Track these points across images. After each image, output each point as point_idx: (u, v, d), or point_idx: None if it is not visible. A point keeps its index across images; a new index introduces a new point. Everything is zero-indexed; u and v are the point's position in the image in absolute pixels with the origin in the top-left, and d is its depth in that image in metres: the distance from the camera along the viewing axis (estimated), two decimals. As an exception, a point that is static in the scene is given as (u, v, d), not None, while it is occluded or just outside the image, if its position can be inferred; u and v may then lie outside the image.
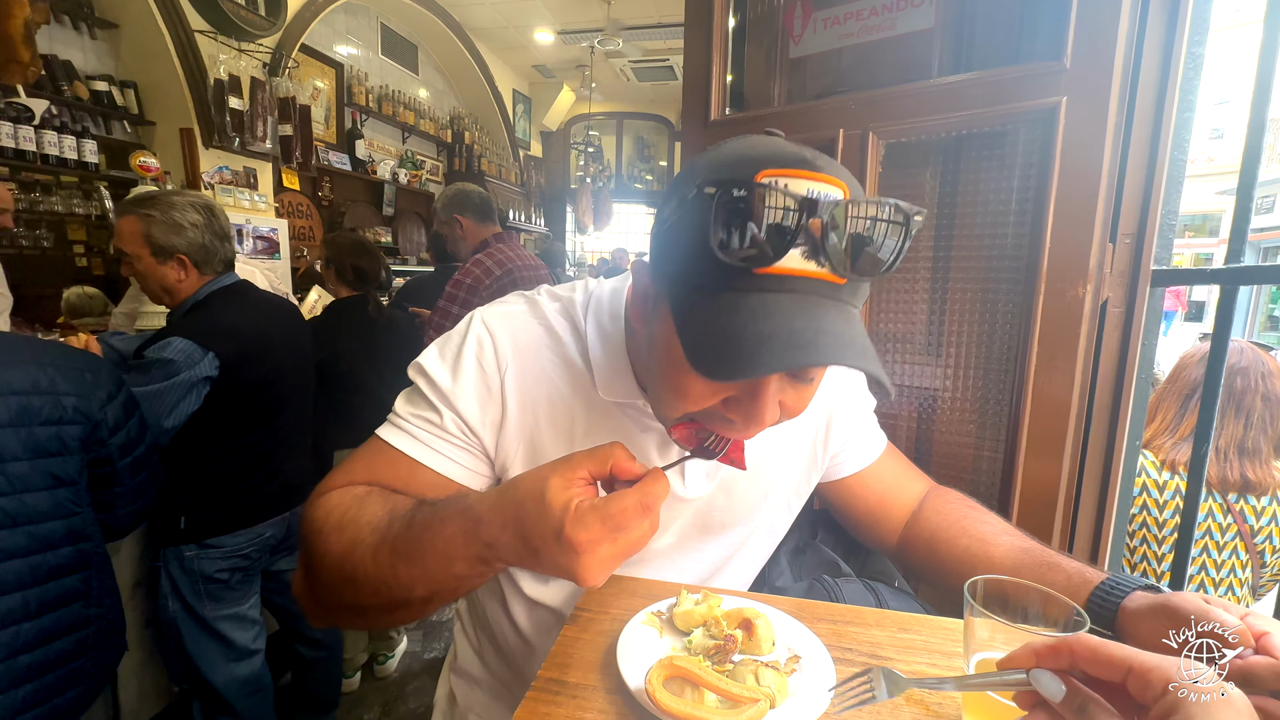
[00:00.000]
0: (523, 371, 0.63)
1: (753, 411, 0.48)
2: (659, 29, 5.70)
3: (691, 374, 0.47)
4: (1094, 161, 0.81)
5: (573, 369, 0.65)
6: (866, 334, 0.48)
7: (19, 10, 1.64)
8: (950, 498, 0.77)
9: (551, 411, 0.64)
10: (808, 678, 0.54)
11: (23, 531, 0.97)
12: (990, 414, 0.95)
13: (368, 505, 0.55)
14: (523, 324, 0.66)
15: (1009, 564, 0.66)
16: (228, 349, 1.36)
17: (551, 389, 0.64)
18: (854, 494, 0.80)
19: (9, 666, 0.94)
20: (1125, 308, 0.85)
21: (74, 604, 1.04)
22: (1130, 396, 0.86)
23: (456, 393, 0.62)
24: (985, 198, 0.92)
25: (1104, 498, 0.89)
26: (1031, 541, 0.69)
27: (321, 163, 4.77)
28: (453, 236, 2.20)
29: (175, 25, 3.46)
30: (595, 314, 0.66)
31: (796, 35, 1.09)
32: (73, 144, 3.17)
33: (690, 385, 0.49)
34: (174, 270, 1.38)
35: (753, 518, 0.74)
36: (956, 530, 0.72)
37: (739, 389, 0.49)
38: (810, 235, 0.43)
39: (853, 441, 0.78)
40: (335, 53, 5.00)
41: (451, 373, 0.63)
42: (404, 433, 0.63)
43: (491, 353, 0.63)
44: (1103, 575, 0.61)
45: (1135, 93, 0.81)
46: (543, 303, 0.68)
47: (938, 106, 0.91)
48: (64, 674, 1.02)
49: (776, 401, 0.50)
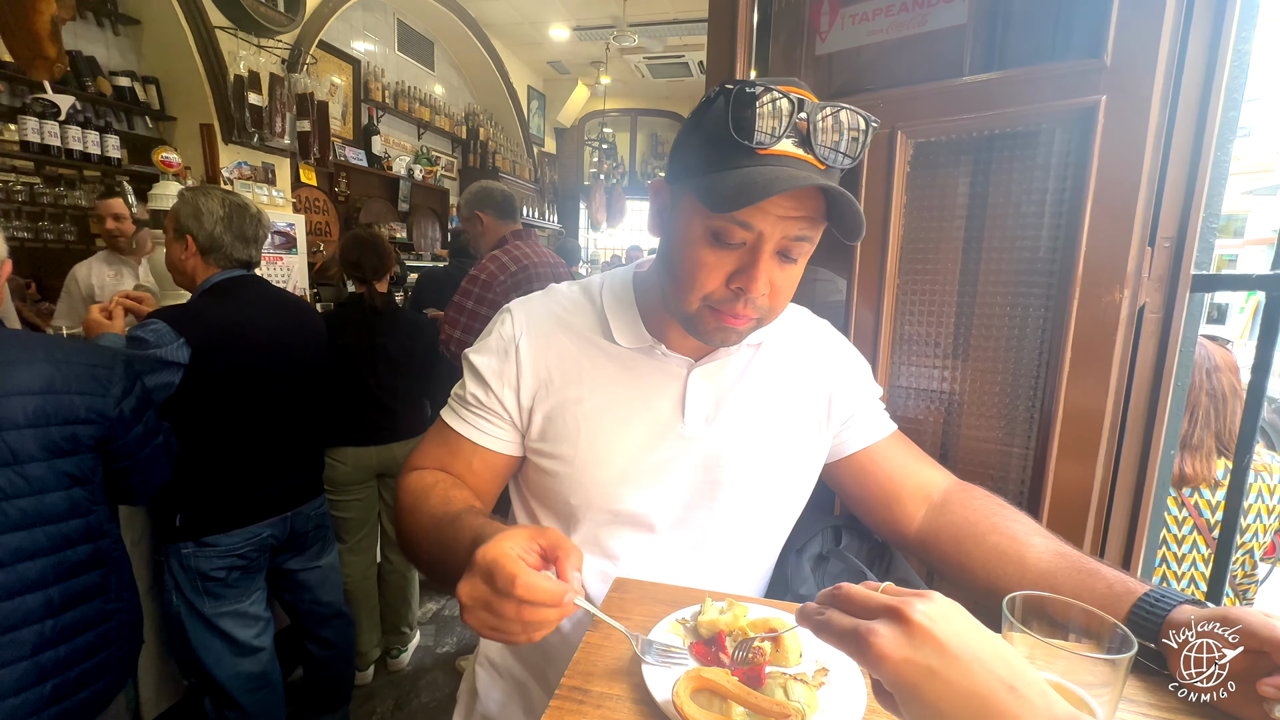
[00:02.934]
0: (536, 335, 0.74)
1: (753, 274, 0.59)
2: (674, 25, 5.67)
3: (707, 248, 0.61)
4: (1134, 163, 0.78)
5: (588, 330, 0.75)
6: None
7: (45, 6, 1.66)
8: (977, 494, 0.75)
9: (564, 361, 0.73)
10: (837, 691, 0.52)
11: (42, 531, 0.98)
12: (1020, 419, 0.93)
13: (431, 498, 0.67)
14: (539, 302, 0.77)
15: (1043, 566, 0.64)
16: (201, 336, 1.38)
17: (563, 346, 0.74)
18: (863, 471, 0.79)
19: (35, 662, 0.96)
20: (1163, 313, 0.83)
21: (95, 600, 1.06)
22: (1167, 404, 0.84)
23: (487, 368, 0.73)
24: (1018, 199, 0.90)
25: (1137, 507, 0.87)
26: (1066, 545, 0.66)
27: (338, 158, 4.80)
28: (474, 233, 2.21)
29: (196, 21, 3.49)
30: (609, 284, 0.77)
31: (823, 32, 1.07)
32: (96, 139, 3.22)
33: (705, 257, 0.61)
34: (180, 249, 1.49)
35: (759, 476, 0.74)
36: (985, 527, 0.70)
37: (742, 260, 0.60)
38: (798, 129, 0.56)
39: (857, 419, 0.79)
40: (352, 49, 5.02)
41: (484, 350, 0.75)
42: (453, 414, 0.76)
43: (509, 325, 0.75)
44: (1146, 586, 0.59)
45: (1179, 91, 0.78)
46: (559, 289, 0.80)
47: (969, 105, 0.89)
48: (90, 667, 1.04)
49: (772, 269, 0.60)
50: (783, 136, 0.56)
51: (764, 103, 0.55)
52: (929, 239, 0.99)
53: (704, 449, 0.72)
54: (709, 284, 0.62)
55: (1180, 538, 1.25)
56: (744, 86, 0.55)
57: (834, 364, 0.79)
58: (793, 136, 0.56)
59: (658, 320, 0.73)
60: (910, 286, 1.01)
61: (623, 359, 0.73)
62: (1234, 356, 1.32)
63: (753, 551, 0.78)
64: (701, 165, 0.60)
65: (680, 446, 0.72)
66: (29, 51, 1.70)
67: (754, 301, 0.61)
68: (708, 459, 0.72)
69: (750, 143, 0.55)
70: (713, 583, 0.74)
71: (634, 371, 0.72)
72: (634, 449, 0.71)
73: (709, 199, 0.57)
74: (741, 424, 0.73)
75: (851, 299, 1.02)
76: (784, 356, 0.77)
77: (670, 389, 0.72)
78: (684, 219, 0.63)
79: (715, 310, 0.63)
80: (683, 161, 0.63)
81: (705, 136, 0.60)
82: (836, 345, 0.82)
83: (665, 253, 0.67)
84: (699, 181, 0.59)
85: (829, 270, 1.16)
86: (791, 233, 0.59)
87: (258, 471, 1.53)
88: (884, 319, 1.00)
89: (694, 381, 0.72)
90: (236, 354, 1.45)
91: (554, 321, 0.75)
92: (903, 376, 1.03)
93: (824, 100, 0.58)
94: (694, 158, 0.61)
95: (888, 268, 0.98)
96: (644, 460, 0.71)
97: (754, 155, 0.56)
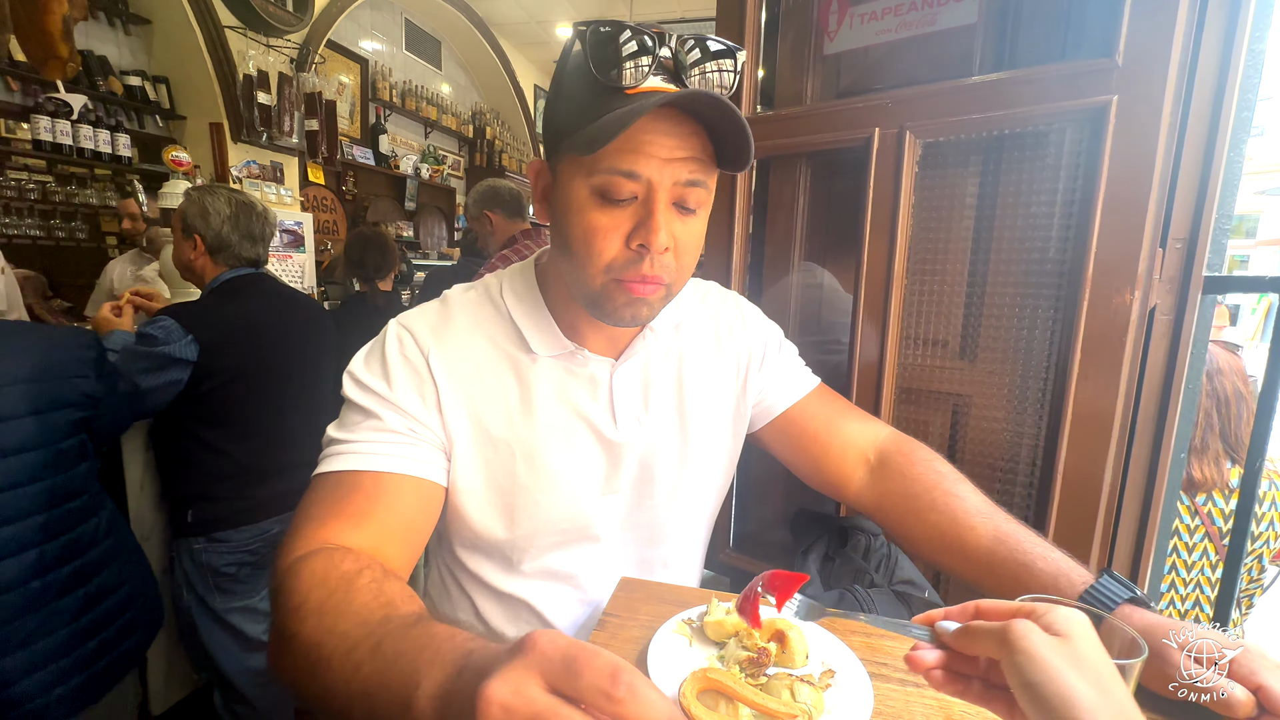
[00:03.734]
0: (445, 350, 0.65)
1: (651, 225, 0.55)
2: (681, 24, 5.66)
3: (597, 209, 0.56)
4: (1145, 163, 0.77)
5: (499, 340, 0.67)
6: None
7: (58, 6, 1.67)
8: (917, 457, 0.73)
9: (482, 382, 0.66)
10: (843, 693, 0.52)
11: (53, 515, 1.04)
12: (1028, 422, 0.92)
13: (361, 593, 0.47)
14: (436, 315, 0.68)
15: (981, 557, 0.63)
16: (209, 335, 1.39)
17: (478, 361, 0.66)
18: (790, 431, 0.79)
19: (73, 629, 1.05)
20: (1175, 315, 0.82)
21: (112, 565, 1.14)
22: (1178, 407, 0.83)
23: (391, 389, 0.63)
24: (1027, 200, 0.89)
25: (1147, 511, 0.86)
26: (1006, 525, 0.64)
27: (346, 157, 4.83)
28: (483, 232, 2.23)
29: (206, 21, 3.52)
30: (510, 288, 0.70)
31: (831, 31, 1.07)
32: (107, 138, 3.25)
33: (597, 220, 0.56)
34: (189, 249, 1.51)
35: (693, 464, 0.74)
36: (925, 502, 0.69)
37: (637, 214, 0.56)
38: (663, 66, 0.54)
39: (775, 382, 0.79)
40: (360, 48, 5.04)
41: (381, 373, 0.64)
42: (350, 454, 0.60)
43: (411, 342, 0.65)
44: (1085, 579, 0.57)
45: (1191, 91, 0.77)
46: (453, 297, 0.71)
47: (979, 105, 0.88)
48: (122, 625, 1.14)
49: (671, 219, 0.56)
50: (650, 74, 0.53)
51: (625, 39, 0.52)
52: (937, 239, 0.98)
53: (639, 449, 0.71)
54: (607, 249, 0.57)
55: (1191, 545, 1.24)
56: (598, 25, 0.52)
57: (746, 334, 0.79)
58: (660, 74, 0.54)
59: (570, 318, 0.68)
60: (918, 287, 1.00)
61: (544, 370, 0.67)
62: (1241, 361, 1.30)
63: (693, 535, 0.79)
64: (572, 121, 0.56)
65: (616, 452, 0.70)
66: (42, 51, 1.71)
67: (659, 261, 0.57)
68: (644, 458, 0.72)
69: (617, 83, 0.52)
70: (663, 575, 0.77)
71: (558, 382, 0.68)
72: (573, 464, 0.68)
73: (582, 145, 0.53)
74: (670, 417, 0.73)
75: (859, 300, 1.01)
76: (700, 337, 0.76)
77: (598, 394, 0.69)
78: (567, 186, 0.58)
79: (620, 281, 0.58)
80: (553, 127, 0.60)
81: (570, 91, 0.57)
82: (746, 314, 0.82)
83: (558, 231, 0.62)
84: (572, 139, 0.56)
85: (824, 269, 1.16)
86: (681, 176, 0.55)
87: (267, 468, 1.54)
88: (891, 320, 0.99)
89: (619, 382, 0.70)
90: (245, 351, 1.46)
91: (462, 335, 0.67)
92: (911, 377, 1.02)
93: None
94: (562, 116, 0.58)
95: (895, 268, 0.98)
96: (584, 473, 0.69)
97: (622, 96, 0.53)
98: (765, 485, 1.25)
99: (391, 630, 0.42)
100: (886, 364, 1.00)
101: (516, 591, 0.71)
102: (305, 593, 0.47)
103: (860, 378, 1.03)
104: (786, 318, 1.17)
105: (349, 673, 0.41)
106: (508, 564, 0.70)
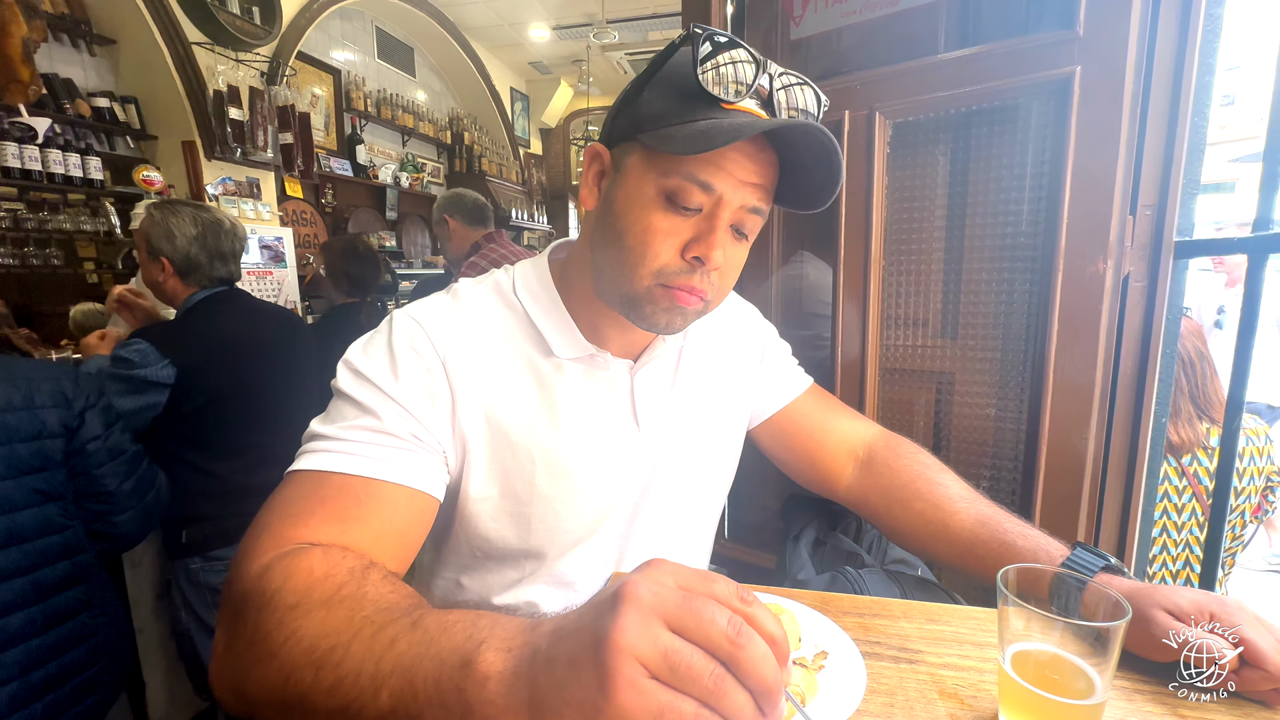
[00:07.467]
0: (463, 352, 0.61)
1: (711, 241, 0.54)
2: (653, 20, 5.65)
3: (661, 212, 0.55)
4: (1111, 132, 0.78)
5: (517, 341, 0.64)
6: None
7: (16, 29, 1.64)
8: (902, 450, 0.77)
9: (502, 385, 0.62)
10: (836, 675, 0.52)
11: (17, 550, 0.98)
12: (1011, 396, 0.93)
13: (369, 588, 0.43)
14: (450, 311, 0.63)
15: (965, 538, 0.66)
16: (186, 358, 1.37)
17: (498, 364, 0.62)
18: (784, 431, 0.81)
19: (24, 683, 0.95)
20: (1148, 281, 0.83)
21: (79, 615, 1.06)
22: (1156, 373, 0.84)
23: (398, 384, 0.57)
24: (999, 174, 0.90)
25: (1131, 478, 0.87)
26: (987, 509, 0.68)
27: (323, 169, 4.78)
28: (443, 236, 2.31)
29: (172, 38, 3.46)
30: (525, 287, 0.66)
31: (797, 16, 1.07)
32: (77, 161, 3.19)
33: (658, 222, 0.55)
34: (157, 271, 1.46)
35: (700, 465, 0.75)
36: (910, 492, 0.72)
37: (699, 227, 0.55)
38: (759, 92, 0.54)
39: (770, 382, 0.81)
40: (332, 59, 4.99)
41: (387, 366, 0.58)
42: (339, 453, 0.54)
43: (424, 337, 0.60)
44: (1064, 552, 0.60)
45: (1152, 58, 0.78)
46: (464, 292, 0.66)
47: (946, 82, 0.89)
48: (80, 683, 1.04)
49: (727, 241, 0.56)
50: (747, 95, 0.53)
51: (740, 57, 0.52)
52: (912, 219, 0.98)
53: (657, 454, 0.71)
54: (663, 254, 0.56)
55: (1180, 506, 1.26)
56: (715, 34, 0.52)
57: (747, 334, 0.80)
58: (755, 98, 0.54)
59: (590, 318, 0.65)
60: (896, 268, 1.00)
61: (566, 374, 0.65)
62: (1196, 323, 1.34)
63: (701, 534, 0.79)
64: (659, 116, 0.54)
65: (636, 457, 0.69)
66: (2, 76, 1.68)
67: (708, 276, 0.57)
68: (660, 462, 0.71)
69: (718, 94, 0.52)
70: None
71: (580, 387, 0.65)
72: (595, 473, 0.66)
73: (672, 144, 0.52)
74: (683, 420, 0.73)
75: (838, 284, 1.02)
76: (706, 337, 0.76)
77: (619, 398, 0.68)
78: (633, 182, 0.56)
79: (668, 287, 0.57)
80: (632, 117, 0.57)
81: (666, 87, 0.55)
82: (747, 314, 0.83)
83: (608, 224, 0.59)
84: (657, 134, 0.54)
85: (809, 255, 1.16)
86: (750, 201, 0.55)
87: (257, 484, 1.52)
88: (871, 302, 0.99)
89: (640, 385, 0.69)
90: (224, 371, 1.44)
91: (480, 333, 0.63)
92: (894, 358, 1.03)
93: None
94: (651, 109, 0.55)
95: (872, 250, 0.98)
96: (606, 482, 0.68)
97: (718, 108, 0.52)
98: (760, 475, 1.26)
99: (430, 610, 0.39)
100: (869, 346, 1.01)
101: (517, 600, 0.69)
102: (305, 590, 0.43)
103: (844, 361, 1.03)
104: (769, 309, 1.17)
105: (380, 650, 0.37)
106: (516, 571, 0.68)
